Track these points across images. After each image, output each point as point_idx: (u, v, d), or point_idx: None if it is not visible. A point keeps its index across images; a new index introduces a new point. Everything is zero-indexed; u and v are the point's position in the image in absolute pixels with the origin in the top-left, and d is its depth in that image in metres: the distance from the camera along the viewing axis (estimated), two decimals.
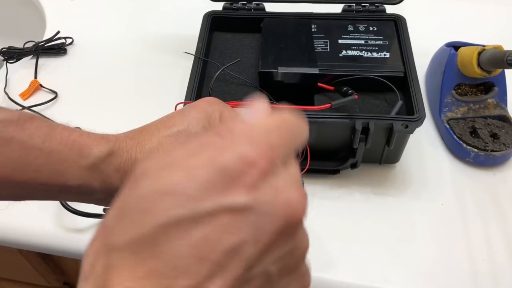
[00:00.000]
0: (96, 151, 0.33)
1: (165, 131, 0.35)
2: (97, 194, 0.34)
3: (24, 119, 0.33)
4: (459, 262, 0.50)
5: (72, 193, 0.34)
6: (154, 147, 0.34)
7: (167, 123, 0.36)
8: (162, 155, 0.21)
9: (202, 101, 0.37)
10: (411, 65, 0.56)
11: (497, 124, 0.59)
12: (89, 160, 0.33)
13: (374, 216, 0.54)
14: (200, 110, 0.36)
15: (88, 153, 0.33)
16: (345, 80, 0.56)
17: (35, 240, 0.55)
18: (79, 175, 0.33)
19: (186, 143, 0.21)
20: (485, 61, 0.56)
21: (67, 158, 0.33)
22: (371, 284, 0.49)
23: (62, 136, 0.33)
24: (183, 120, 0.35)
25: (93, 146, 0.34)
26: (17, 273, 0.79)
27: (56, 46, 0.76)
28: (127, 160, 0.34)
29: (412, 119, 0.51)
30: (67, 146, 0.33)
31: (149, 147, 0.34)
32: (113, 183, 0.34)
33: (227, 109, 0.37)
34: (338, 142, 0.55)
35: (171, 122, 0.36)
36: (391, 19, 0.63)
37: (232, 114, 0.37)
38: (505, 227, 0.53)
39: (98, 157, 0.33)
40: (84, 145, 0.33)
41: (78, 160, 0.33)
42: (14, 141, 0.32)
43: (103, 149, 0.34)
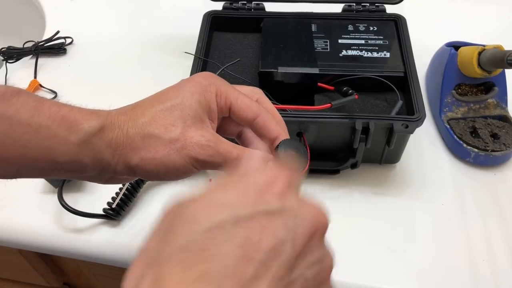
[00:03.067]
0: (86, 126, 0.32)
1: (159, 105, 0.34)
2: (89, 171, 0.34)
3: (10, 94, 0.32)
4: (459, 262, 0.50)
5: (63, 169, 0.33)
6: (147, 122, 0.34)
7: (161, 98, 0.35)
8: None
9: (197, 75, 0.37)
10: (411, 65, 0.56)
11: (497, 124, 0.59)
12: (79, 136, 0.32)
13: (374, 216, 0.54)
14: (195, 84, 0.35)
15: (78, 129, 0.32)
16: (345, 80, 0.56)
17: (35, 240, 0.55)
18: (69, 151, 0.32)
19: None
20: (485, 61, 0.56)
21: (56, 133, 0.32)
22: (371, 284, 0.49)
23: (51, 111, 0.32)
24: (177, 95, 0.35)
25: (84, 121, 0.33)
26: (17, 273, 0.79)
27: (56, 46, 0.76)
28: (119, 135, 0.33)
29: (412, 119, 0.51)
30: (56, 121, 0.32)
31: (141, 121, 0.34)
32: (104, 158, 0.33)
33: (223, 84, 0.36)
34: (338, 142, 0.55)
35: (165, 96, 0.35)
36: (391, 19, 0.63)
37: (228, 89, 0.36)
38: (505, 227, 0.53)
39: (88, 132, 0.32)
40: (74, 120, 0.32)
41: (68, 136, 0.32)
42: (0, 117, 0.31)
43: (93, 124, 0.33)
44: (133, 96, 0.74)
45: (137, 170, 0.34)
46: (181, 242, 0.21)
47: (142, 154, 0.33)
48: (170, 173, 0.34)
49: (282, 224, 0.21)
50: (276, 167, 0.26)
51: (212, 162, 0.34)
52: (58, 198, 0.53)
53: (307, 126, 0.53)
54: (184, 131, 0.33)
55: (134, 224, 0.54)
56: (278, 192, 0.23)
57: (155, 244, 0.22)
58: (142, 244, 0.23)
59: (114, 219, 0.54)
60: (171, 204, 0.24)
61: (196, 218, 0.21)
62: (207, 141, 0.34)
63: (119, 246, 0.53)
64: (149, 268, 0.21)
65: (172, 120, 0.34)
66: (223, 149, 0.34)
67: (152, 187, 0.58)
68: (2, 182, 0.59)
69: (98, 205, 0.54)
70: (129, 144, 0.33)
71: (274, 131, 0.37)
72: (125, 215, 0.55)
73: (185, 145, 0.33)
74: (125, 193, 0.54)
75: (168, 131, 0.33)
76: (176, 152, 0.33)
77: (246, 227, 0.21)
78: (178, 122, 0.34)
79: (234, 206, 0.22)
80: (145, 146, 0.33)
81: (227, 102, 0.36)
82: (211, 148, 0.34)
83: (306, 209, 0.23)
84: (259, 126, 0.37)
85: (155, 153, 0.33)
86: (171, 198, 0.25)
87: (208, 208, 0.22)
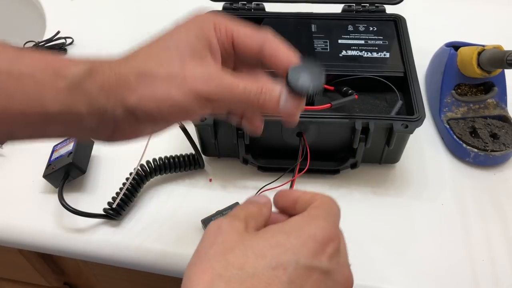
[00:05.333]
0: (74, 70, 0.29)
1: (154, 46, 0.32)
2: (87, 121, 0.30)
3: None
4: (459, 262, 0.50)
5: (58, 122, 0.30)
6: (141, 60, 0.31)
7: (156, 40, 0.33)
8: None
9: (192, 15, 0.34)
10: (411, 65, 0.56)
11: (497, 124, 0.59)
12: (67, 80, 0.29)
13: (374, 216, 0.54)
14: (191, 21, 0.33)
15: (66, 73, 0.29)
16: (345, 80, 0.56)
17: (35, 240, 0.55)
18: (59, 99, 0.29)
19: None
20: (485, 61, 0.56)
21: (41, 80, 0.29)
22: (371, 284, 0.49)
23: (33, 58, 0.29)
24: (172, 34, 0.33)
25: (71, 65, 0.30)
26: (17, 273, 0.79)
27: (56, 46, 0.76)
28: (111, 76, 0.30)
29: (412, 119, 0.51)
30: (39, 67, 0.29)
31: (134, 61, 0.31)
32: (100, 103, 0.30)
33: (221, 17, 0.33)
34: (338, 142, 0.55)
35: (160, 38, 0.33)
36: (391, 19, 0.63)
37: (226, 21, 0.33)
38: (505, 227, 0.53)
39: (77, 76, 0.29)
40: (60, 65, 0.30)
41: (55, 82, 0.29)
42: None
43: (81, 66, 0.30)
44: None
45: (138, 113, 0.31)
46: (250, 271, 0.25)
47: (140, 93, 0.30)
48: (174, 112, 0.31)
49: (325, 283, 0.26)
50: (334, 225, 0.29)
51: (218, 96, 0.31)
52: (59, 198, 0.53)
53: (307, 126, 0.53)
54: (183, 65, 0.31)
55: (135, 224, 0.55)
56: (330, 253, 0.27)
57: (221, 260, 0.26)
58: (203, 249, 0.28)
59: (115, 219, 0.54)
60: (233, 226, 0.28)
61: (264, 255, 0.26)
62: (209, 74, 0.31)
63: (119, 246, 0.53)
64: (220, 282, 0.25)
65: (169, 57, 0.31)
66: (228, 82, 0.31)
67: (152, 187, 0.58)
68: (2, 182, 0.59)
69: (99, 205, 0.54)
70: (123, 85, 0.30)
71: (285, 56, 0.33)
72: (125, 215, 0.55)
73: (186, 79, 0.30)
74: (125, 193, 0.54)
75: (165, 66, 0.31)
76: (177, 88, 0.30)
77: (303, 275, 0.25)
78: (176, 58, 0.31)
79: (295, 252, 0.26)
80: (142, 84, 0.30)
81: (228, 34, 0.33)
82: (214, 81, 0.31)
83: (342, 272, 0.29)
84: (269, 55, 0.33)
85: (153, 90, 0.30)
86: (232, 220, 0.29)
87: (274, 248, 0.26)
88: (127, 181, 0.54)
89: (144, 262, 0.53)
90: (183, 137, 0.56)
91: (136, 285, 0.69)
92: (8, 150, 0.63)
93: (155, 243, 0.53)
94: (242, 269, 0.25)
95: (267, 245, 0.26)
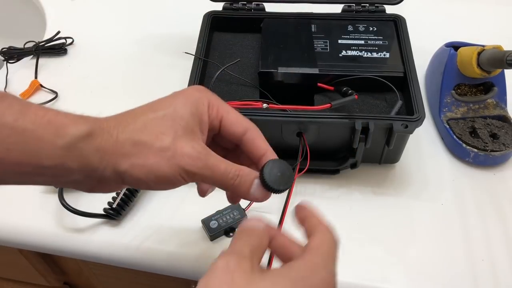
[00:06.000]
0: (73, 130, 0.32)
1: (151, 114, 0.35)
2: (74, 175, 0.33)
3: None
4: (459, 262, 0.50)
5: (48, 175, 0.32)
6: (138, 128, 0.34)
7: (152, 106, 0.35)
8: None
9: (190, 88, 0.37)
10: (411, 65, 0.56)
11: (497, 124, 0.59)
12: (65, 140, 0.31)
13: (374, 216, 0.54)
14: (188, 95, 0.36)
15: (65, 132, 0.32)
16: (345, 80, 0.56)
17: (35, 240, 0.55)
18: (55, 155, 0.31)
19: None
20: (485, 61, 0.56)
21: (41, 137, 0.31)
22: (371, 284, 0.49)
23: (37, 115, 0.32)
24: (170, 104, 0.35)
25: (71, 125, 0.32)
26: (18, 273, 0.79)
27: (57, 46, 0.76)
28: (108, 140, 0.33)
29: (412, 119, 0.51)
30: (41, 125, 0.31)
31: (132, 128, 0.34)
32: (92, 163, 0.33)
33: (215, 98, 0.37)
34: (338, 142, 0.55)
35: (157, 106, 0.35)
36: (391, 19, 0.63)
37: (219, 103, 0.37)
38: (504, 227, 0.53)
39: (75, 136, 0.32)
40: (61, 124, 0.32)
41: (54, 139, 0.31)
42: None
43: (81, 128, 0.32)
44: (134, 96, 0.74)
45: (126, 177, 0.34)
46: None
47: (132, 160, 0.33)
48: (159, 181, 0.34)
49: None
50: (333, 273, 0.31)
51: (201, 174, 0.34)
52: (59, 198, 0.54)
53: (307, 126, 0.53)
54: (175, 141, 0.34)
55: (135, 224, 0.55)
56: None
57: None
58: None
59: (115, 219, 0.54)
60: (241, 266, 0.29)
61: None
62: (197, 153, 0.34)
63: (119, 246, 0.53)
64: None
65: (164, 129, 0.34)
66: (212, 163, 0.35)
67: None
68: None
69: (99, 205, 0.54)
70: (118, 150, 0.33)
71: (262, 147, 0.37)
72: (125, 215, 0.55)
73: (175, 154, 0.33)
74: (125, 193, 0.54)
75: (159, 139, 0.33)
76: (166, 161, 0.33)
77: None
78: (169, 131, 0.34)
79: None
80: (135, 153, 0.33)
81: (219, 115, 0.37)
82: (201, 160, 0.34)
83: None
84: (248, 141, 0.37)
85: (145, 160, 0.33)
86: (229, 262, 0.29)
87: None
88: None
89: (144, 262, 0.53)
90: None
91: (136, 285, 0.69)
92: None
93: (155, 243, 0.53)
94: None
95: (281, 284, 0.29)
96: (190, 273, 0.52)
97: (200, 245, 0.52)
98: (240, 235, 0.33)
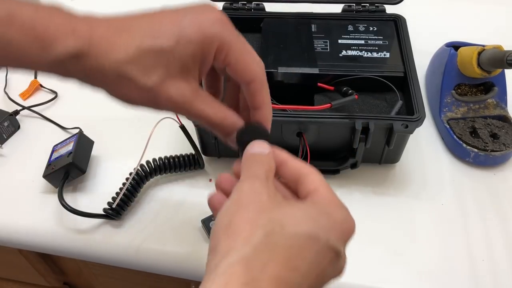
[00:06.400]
0: (61, 48, 0.30)
1: (149, 40, 0.31)
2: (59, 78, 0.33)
3: None
4: (459, 262, 0.50)
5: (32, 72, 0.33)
6: (128, 59, 0.31)
7: (154, 28, 0.32)
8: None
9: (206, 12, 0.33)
10: (411, 65, 0.56)
11: (497, 124, 0.59)
12: (51, 57, 0.30)
13: (374, 216, 0.54)
14: (200, 26, 0.32)
15: (52, 48, 0.30)
16: (345, 80, 0.56)
17: (35, 240, 0.55)
18: (42, 67, 0.31)
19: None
20: (485, 61, 0.56)
21: (27, 50, 0.29)
22: (371, 284, 0.49)
23: (24, 23, 0.29)
24: (173, 33, 0.31)
25: (60, 40, 0.30)
26: (18, 273, 0.79)
27: None
28: (93, 66, 0.31)
29: (412, 119, 0.51)
30: (28, 36, 0.29)
31: (122, 56, 0.31)
32: (75, 78, 0.32)
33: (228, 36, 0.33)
34: (338, 142, 0.55)
35: (160, 28, 0.32)
36: (391, 19, 0.63)
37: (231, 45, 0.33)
38: (505, 227, 0.53)
39: (62, 54, 0.30)
40: (49, 36, 0.30)
41: (41, 53, 0.30)
42: None
43: (70, 45, 0.30)
44: None
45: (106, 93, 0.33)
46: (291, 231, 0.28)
47: (114, 88, 0.32)
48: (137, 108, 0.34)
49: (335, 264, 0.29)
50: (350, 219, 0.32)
51: (184, 115, 0.34)
52: (59, 198, 0.53)
53: (307, 126, 0.53)
54: (162, 81, 0.32)
55: (135, 224, 0.55)
56: (346, 241, 0.30)
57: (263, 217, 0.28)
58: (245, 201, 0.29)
59: (115, 219, 0.54)
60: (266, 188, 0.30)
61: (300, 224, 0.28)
62: (182, 97, 0.32)
63: (119, 246, 0.53)
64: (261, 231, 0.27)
65: (155, 64, 0.31)
66: (196, 108, 0.33)
67: (152, 187, 0.58)
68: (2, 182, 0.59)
69: (99, 205, 0.54)
70: (102, 77, 0.32)
71: (260, 102, 0.36)
72: (125, 215, 0.55)
73: (158, 96, 0.32)
74: (125, 193, 0.54)
75: (146, 77, 0.31)
76: (147, 99, 0.32)
77: (326, 252, 0.28)
78: (160, 69, 0.31)
79: (327, 232, 0.29)
80: (118, 83, 0.32)
81: (226, 60, 0.34)
82: (183, 106, 0.33)
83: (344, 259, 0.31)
84: (249, 92, 0.35)
85: (126, 91, 0.32)
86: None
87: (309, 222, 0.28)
88: (127, 181, 0.54)
89: (144, 262, 0.53)
90: (183, 137, 0.56)
91: (136, 285, 0.69)
92: (8, 150, 0.63)
93: (155, 243, 0.53)
94: (283, 228, 0.27)
95: (303, 216, 0.29)
96: (190, 273, 0.52)
97: (200, 245, 0.52)
98: (250, 162, 0.33)
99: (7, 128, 0.64)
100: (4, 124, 0.64)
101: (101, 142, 0.62)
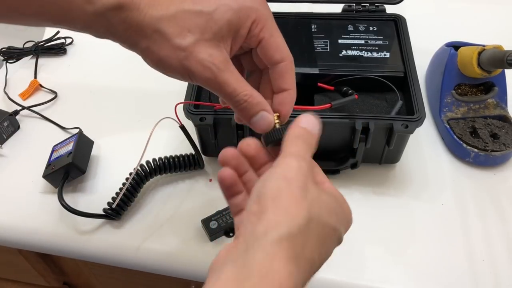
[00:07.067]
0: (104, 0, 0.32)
1: (189, 4, 0.33)
2: (97, 35, 0.34)
3: None
4: (459, 262, 0.50)
5: (74, 30, 0.34)
6: (167, 17, 0.33)
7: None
8: None
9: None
10: (411, 65, 0.56)
11: (497, 124, 0.59)
12: (95, 7, 0.32)
13: (374, 216, 0.54)
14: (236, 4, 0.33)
15: (97, 0, 0.32)
16: (345, 80, 0.56)
17: (35, 240, 0.55)
18: (84, 20, 0.32)
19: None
20: (485, 61, 0.56)
21: (73, 1, 0.31)
22: (371, 284, 0.49)
23: None
24: (214, 1, 0.33)
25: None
26: (17, 273, 0.79)
27: (56, 46, 0.76)
28: (135, 17, 0.32)
29: (412, 119, 0.51)
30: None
31: (162, 13, 0.33)
32: (117, 32, 0.33)
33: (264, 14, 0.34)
34: (338, 142, 0.55)
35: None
36: (391, 19, 0.63)
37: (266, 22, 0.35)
38: (505, 227, 0.53)
39: (105, 6, 0.32)
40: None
41: (84, 5, 0.32)
42: None
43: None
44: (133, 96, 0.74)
45: (142, 55, 0.34)
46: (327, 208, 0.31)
47: (149, 44, 0.33)
48: (167, 73, 0.34)
49: (337, 239, 0.32)
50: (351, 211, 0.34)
51: (208, 85, 0.34)
52: (58, 198, 0.53)
53: None
54: (196, 42, 0.33)
55: (134, 224, 0.54)
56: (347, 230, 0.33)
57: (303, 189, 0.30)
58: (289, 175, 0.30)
59: (114, 219, 0.54)
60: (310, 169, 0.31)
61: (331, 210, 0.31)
62: (211, 63, 0.33)
63: (119, 246, 0.53)
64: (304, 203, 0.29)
65: (192, 26, 0.33)
66: (223, 78, 0.34)
67: (152, 187, 0.58)
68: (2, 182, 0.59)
69: (99, 205, 0.54)
70: (141, 30, 0.33)
71: (287, 84, 0.36)
72: (125, 215, 0.55)
73: (189, 57, 0.33)
74: (125, 193, 0.54)
75: (181, 36, 0.33)
76: (177, 59, 0.33)
77: (337, 241, 0.32)
78: (196, 31, 0.33)
79: (341, 224, 0.32)
80: (154, 40, 0.33)
81: (260, 35, 0.35)
82: (212, 72, 0.33)
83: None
84: (277, 73, 0.36)
85: (159, 49, 0.33)
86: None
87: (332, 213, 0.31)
88: (127, 181, 0.54)
89: (144, 262, 0.53)
90: (183, 137, 0.56)
91: (136, 285, 0.69)
92: (8, 150, 0.63)
93: (155, 243, 0.53)
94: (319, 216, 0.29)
95: (331, 209, 0.31)
96: (190, 273, 0.52)
97: (200, 245, 0.52)
98: (298, 138, 0.32)
99: (7, 128, 0.64)
100: (4, 124, 0.64)
101: (101, 142, 0.62)
